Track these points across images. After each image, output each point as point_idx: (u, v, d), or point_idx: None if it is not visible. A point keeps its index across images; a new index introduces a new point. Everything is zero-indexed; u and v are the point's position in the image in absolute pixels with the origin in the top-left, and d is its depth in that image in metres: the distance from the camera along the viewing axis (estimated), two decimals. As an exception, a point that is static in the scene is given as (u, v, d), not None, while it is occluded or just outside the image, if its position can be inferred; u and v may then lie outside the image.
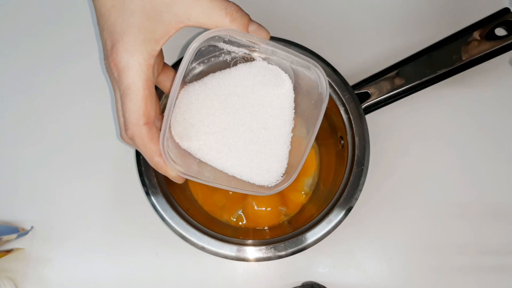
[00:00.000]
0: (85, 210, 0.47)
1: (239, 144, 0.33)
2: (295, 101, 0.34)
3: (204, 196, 0.48)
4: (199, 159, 0.34)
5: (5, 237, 0.43)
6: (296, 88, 0.34)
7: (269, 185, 0.35)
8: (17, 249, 0.46)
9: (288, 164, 0.35)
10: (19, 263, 0.46)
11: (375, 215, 0.47)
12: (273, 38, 0.41)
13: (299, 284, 0.45)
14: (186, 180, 0.48)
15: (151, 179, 0.40)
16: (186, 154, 0.34)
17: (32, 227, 0.47)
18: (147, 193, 0.40)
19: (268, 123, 0.34)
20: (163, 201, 0.40)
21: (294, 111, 0.35)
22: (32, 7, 0.52)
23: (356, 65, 0.50)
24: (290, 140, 0.35)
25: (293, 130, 0.35)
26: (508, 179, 0.49)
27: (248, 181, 0.35)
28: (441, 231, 0.47)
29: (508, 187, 0.49)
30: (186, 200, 0.46)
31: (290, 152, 0.35)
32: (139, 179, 0.41)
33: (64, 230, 0.47)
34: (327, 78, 0.33)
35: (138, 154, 0.41)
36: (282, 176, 0.35)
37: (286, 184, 0.34)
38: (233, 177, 0.34)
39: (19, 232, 0.45)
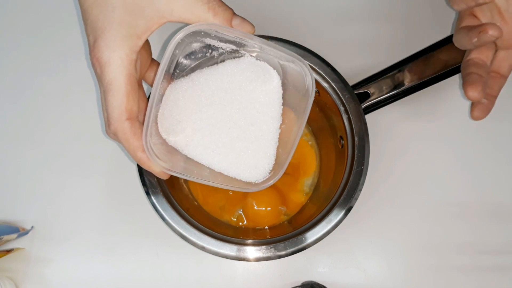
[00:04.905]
0: (85, 210, 0.47)
1: (226, 140, 0.34)
2: (284, 97, 0.34)
3: (204, 196, 0.48)
4: (186, 156, 0.34)
5: (5, 237, 0.43)
6: (284, 84, 0.34)
7: (256, 182, 0.35)
8: (18, 249, 0.46)
9: (275, 160, 0.35)
10: (19, 263, 0.46)
11: (375, 215, 0.47)
12: (271, 38, 0.41)
13: (299, 283, 0.45)
14: (187, 180, 0.48)
15: (151, 179, 0.41)
16: (173, 151, 0.34)
17: (32, 227, 0.47)
18: (147, 193, 0.40)
19: (255, 119, 0.34)
20: (163, 201, 0.40)
21: (282, 107, 0.34)
22: (32, 8, 0.52)
23: (356, 65, 0.50)
24: (278, 136, 0.35)
25: (281, 126, 0.35)
26: (507, 179, 0.49)
27: (235, 178, 0.35)
28: (440, 231, 0.47)
29: (507, 187, 0.49)
30: (186, 200, 0.46)
31: (278, 148, 0.35)
32: (139, 179, 0.41)
33: (64, 230, 0.47)
34: (312, 72, 0.33)
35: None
36: (269, 173, 0.35)
37: (273, 180, 0.35)
38: (220, 174, 0.34)
39: (20, 232, 0.45)
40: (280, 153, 0.35)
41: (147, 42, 0.33)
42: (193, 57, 0.34)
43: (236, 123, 0.33)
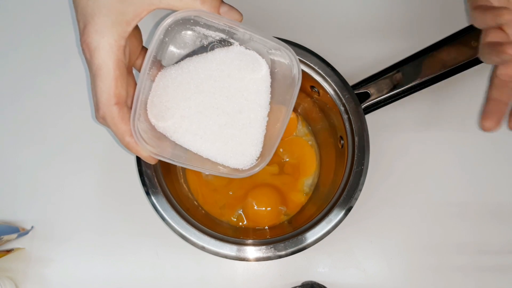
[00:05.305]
0: (85, 210, 0.47)
1: (215, 127, 0.34)
2: (272, 86, 0.35)
3: (204, 196, 0.48)
4: (174, 142, 0.34)
5: (6, 237, 0.43)
6: (272, 74, 0.35)
7: (244, 168, 0.36)
8: (18, 249, 0.46)
9: (263, 147, 0.36)
10: (19, 263, 0.46)
11: (375, 215, 0.47)
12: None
13: (299, 283, 0.45)
14: (187, 179, 0.48)
15: (151, 179, 0.41)
16: (161, 137, 0.34)
17: (32, 227, 0.47)
18: (147, 193, 0.40)
19: (244, 107, 0.34)
20: (163, 200, 0.40)
21: (270, 95, 0.35)
22: (32, 8, 0.52)
23: (356, 65, 0.50)
24: (266, 124, 0.35)
25: (269, 114, 0.35)
26: (507, 179, 0.49)
27: (222, 164, 0.35)
28: (440, 230, 0.47)
29: (507, 187, 0.49)
30: (186, 200, 0.46)
31: (266, 136, 0.36)
32: (139, 179, 0.41)
33: (64, 230, 0.47)
34: (298, 60, 0.33)
35: (138, 154, 0.41)
36: (256, 160, 0.36)
37: (259, 167, 0.35)
38: (208, 160, 0.35)
39: (20, 232, 0.45)
40: (267, 140, 0.36)
41: (137, 30, 0.33)
42: (183, 45, 0.34)
43: (224, 110, 0.34)
